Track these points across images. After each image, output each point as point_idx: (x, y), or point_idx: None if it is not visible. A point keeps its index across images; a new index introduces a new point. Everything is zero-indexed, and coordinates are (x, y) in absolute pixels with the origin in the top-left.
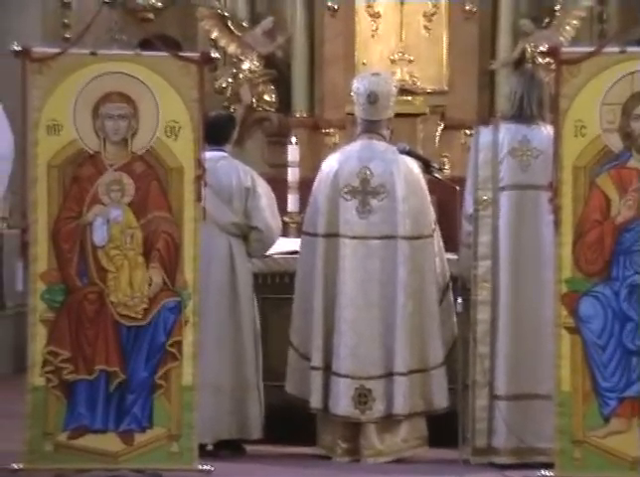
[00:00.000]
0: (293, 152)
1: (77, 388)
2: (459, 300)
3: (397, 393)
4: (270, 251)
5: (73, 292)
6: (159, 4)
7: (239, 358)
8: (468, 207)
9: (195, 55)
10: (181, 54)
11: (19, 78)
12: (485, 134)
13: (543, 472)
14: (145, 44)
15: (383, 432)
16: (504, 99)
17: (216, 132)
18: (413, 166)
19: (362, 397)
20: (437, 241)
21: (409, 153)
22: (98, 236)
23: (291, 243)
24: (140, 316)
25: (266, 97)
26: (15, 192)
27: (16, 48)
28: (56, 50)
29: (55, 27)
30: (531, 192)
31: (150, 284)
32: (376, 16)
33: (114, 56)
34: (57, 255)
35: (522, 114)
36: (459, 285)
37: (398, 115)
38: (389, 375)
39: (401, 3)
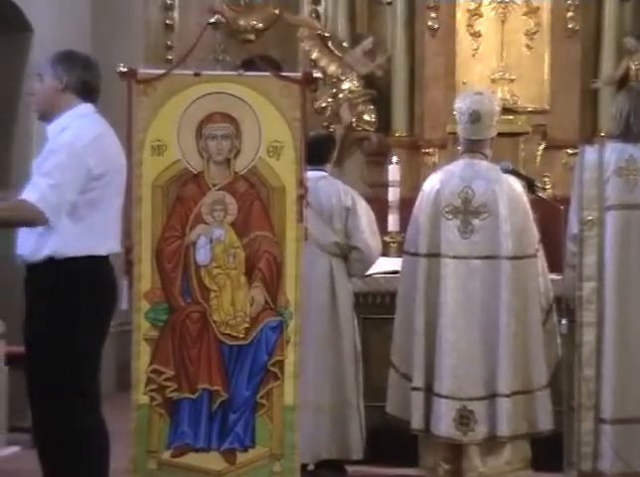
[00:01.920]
0: (394, 172)
1: (180, 406)
2: (563, 322)
3: (499, 414)
4: (371, 271)
5: (176, 311)
6: (260, 25)
7: (339, 378)
8: (573, 227)
9: (297, 75)
10: (284, 74)
11: (125, 99)
12: (590, 153)
13: None
14: (247, 64)
15: (485, 454)
16: (609, 118)
17: (316, 152)
18: (516, 185)
19: (464, 419)
20: (541, 262)
21: (512, 172)
22: (202, 255)
23: (392, 263)
24: (242, 335)
25: (366, 117)
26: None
27: (122, 69)
28: (161, 71)
29: (158, 49)
30: (638, 212)
31: (252, 304)
32: (476, 35)
33: (218, 76)
34: (160, 275)
35: (628, 133)
36: (563, 306)
37: (499, 135)
38: (491, 396)
39: (503, 22)
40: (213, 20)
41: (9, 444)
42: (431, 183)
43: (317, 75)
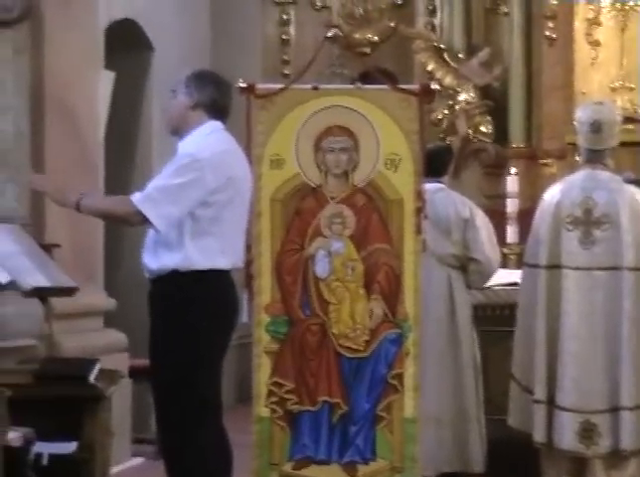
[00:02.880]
0: (512, 183)
1: (300, 418)
2: None
3: (623, 428)
4: (490, 283)
5: (296, 324)
6: (376, 38)
7: (459, 390)
8: None
9: (415, 87)
10: (401, 86)
11: (244, 114)
12: None
13: None
14: (364, 77)
15: (609, 468)
16: None
17: (434, 164)
18: (639, 196)
19: (587, 432)
20: None
21: (635, 183)
22: (320, 268)
23: (511, 275)
24: (362, 348)
25: (483, 128)
26: None
27: (241, 84)
28: (279, 86)
29: (275, 63)
30: None
31: (371, 316)
32: (595, 44)
33: (335, 90)
34: (280, 288)
35: None
36: None
37: (619, 144)
38: (614, 409)
39: (622, 30)
40: (329, 34)
41: (134, 456)
42: (552, 193)
43: (435, 86)
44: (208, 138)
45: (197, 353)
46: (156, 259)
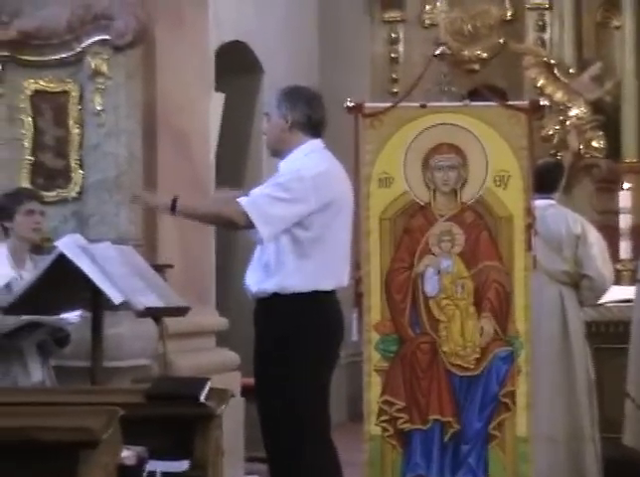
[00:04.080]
0: (625, 198)
1: (412, 437)
2: None
3: None
4: (603, 300)
5: (406, 342)
6: (485, 55)
7: (573, 408)
8: None
9: (524, 103)
10: (510, 103)
11: (352, 132)
12: None
13: None
14: (473, 94)
15: None
16: None
17: (544, 180)
18: None
19: None
20: None
21: None
22: (430, 286)
23: (624, 291)
24: (472, 366)
25: (594, 144)
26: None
27: (349, 104)
28: (387, 104)
29: (383, 81)
30: None
31: (482, 334)
32: None
33: (443, 107)
34: (390, 306)
35: None
36: None
37: None
38: None
39: None
40: (438, 52)
41: (247, 474)
42: None
43: (544, 102)
44: (308, 158)
45: (301, 373)
46: (258, 280)
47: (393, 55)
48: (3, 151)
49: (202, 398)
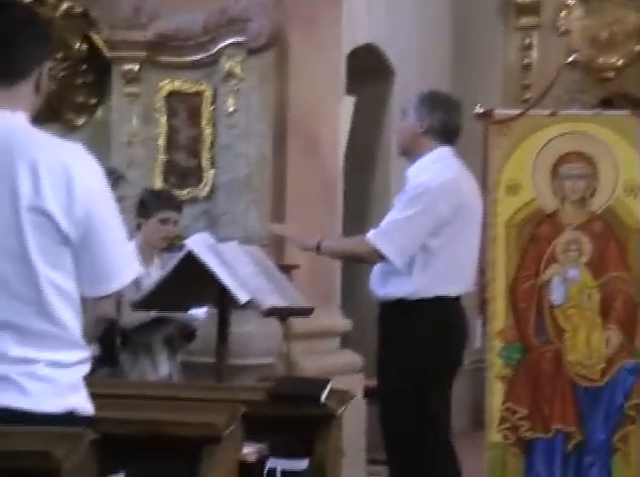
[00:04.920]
0: None
1: (534, 446)
2: None
3: None
4: None
5: (530, 350)
6: (620, 62)
7: None
8: None
9: None
10: None
11: (480, 138)
12: None
13: None
14: (605, 103)
15: None
16: None
17: None
18: None
19: None
20: None
21: None
22: (556, 295)
23: None
24: (597, 377)
25: None
26: None
27: (479, 110)
28: (516, 111)
29: (515, 88)
30: None
31: (607, 344)
32: None
33: (573, 116)
34: (514, 313)
35: None
36: None
37: None
38: None
39: None
40: (570, 59)
41: (368, 476)
42: None
43: None
44: (437, 165)
45: (423, 379)
46: (384, 286)
47: (526, 61)
48: (139, 150)
49: (323, 399)
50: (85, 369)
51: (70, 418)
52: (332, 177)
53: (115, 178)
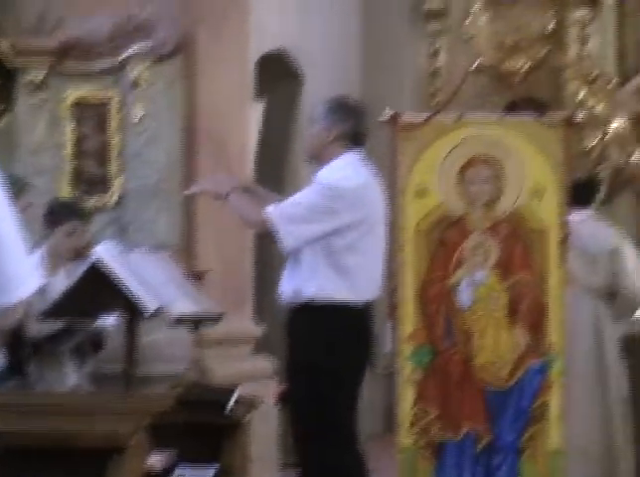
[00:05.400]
0: None
1: (445, 448)
2: None
3: None
4: (638, 314)
5: (439, 353)
6: (526, 67)
7: (606, 424)
8: None
9: (560, 116)
10: (546, 116)
11: (386, 142)
12: None
13: None
14: (512, 107)
15: None
16: None
17: (580, 194)
18: None
19: None
20: None
21: None
22: (464, 297)
23: None
24: (506, 378)
25: (636, 157)
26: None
27: (385, 116)
28: (422, 116)
29: (424, 93)
30: None
31: (515, 346)
32: None
33: (479, 120)
34: (423, 317)
35: None
36: None
37: None
38: None
39: None
40: (475, 64)
41: None
42: None
43: (581, 115)
44: (346, 170)
45: (329, 383)
46: (292, 288)
47: (435, 67)
48: (46, 157)
49: (229, 406)
50: None
51: None
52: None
53: (21, 185)
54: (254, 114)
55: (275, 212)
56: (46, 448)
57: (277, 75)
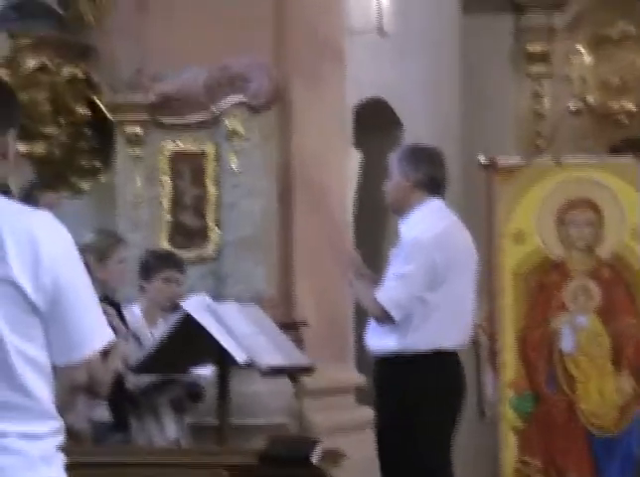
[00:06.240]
0: None
1: None
2: None
3: None
4: None
5: (542, 400)
6: (633, 108)
7: None
8: None
9: None
10: None
11: (485, 188)
12: None
13: None
14: (615, 149)
15: None
16: None
17: None
18: None
19: None
20: None
21: None
22: (566, 343)
23: None
24: (611, 426)
25: None
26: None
27: (483, 161)
28: (520, 160)
29: (527, 137)
30: None
31: (620, 393)
32: None
33: (579, 163)
34: (525, 363)
35: None
36: None
37: None
38: None
39: None
40: (575, 106)
41: None
42: None
43: None
44: (428, 218)
45: (420, 433)
46: (379, 339)
47: (537, 109)
48: (144, 211)
49: (313, 460)
50: (59, 439)
51: None
52: (340, 232)
53: (114, 241)
54: (353, 163)
55: (384, 297)
56: None
57: (375, 124)
